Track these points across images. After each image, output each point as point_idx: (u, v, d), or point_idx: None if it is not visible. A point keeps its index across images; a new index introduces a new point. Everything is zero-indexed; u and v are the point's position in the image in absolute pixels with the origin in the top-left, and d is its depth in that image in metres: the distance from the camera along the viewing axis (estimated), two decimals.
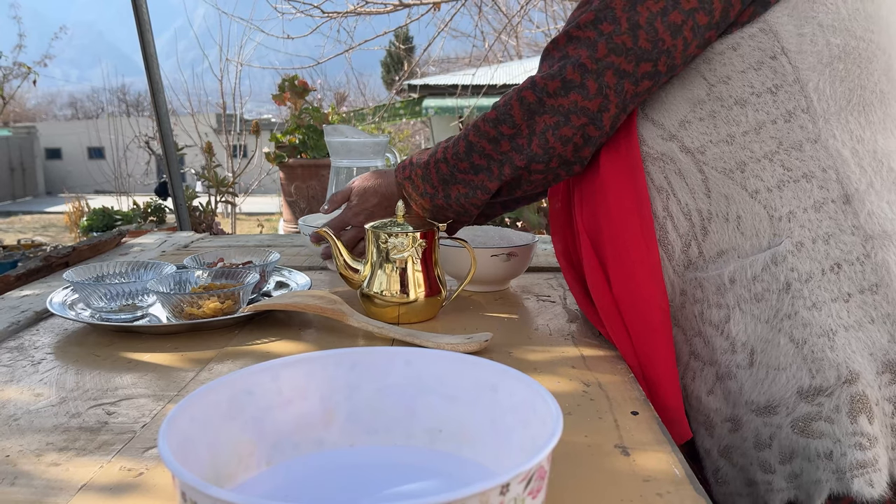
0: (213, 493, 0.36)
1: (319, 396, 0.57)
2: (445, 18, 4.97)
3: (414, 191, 0.97)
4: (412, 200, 0.98)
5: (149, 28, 2.23)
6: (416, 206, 0.99)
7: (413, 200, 0.98)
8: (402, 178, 0.98)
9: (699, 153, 0.82)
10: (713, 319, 0.82)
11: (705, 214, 0.82)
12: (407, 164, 0.99)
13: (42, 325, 0.98)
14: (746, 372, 0.79)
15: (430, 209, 0.97)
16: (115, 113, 16.74)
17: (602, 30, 0.80)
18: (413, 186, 0.97)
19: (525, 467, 0.40)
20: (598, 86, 0.81)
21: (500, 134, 0.88)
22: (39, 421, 0.67)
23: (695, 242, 0.84)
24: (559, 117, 0.84)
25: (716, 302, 0.82)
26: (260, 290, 1.10)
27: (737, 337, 0.80)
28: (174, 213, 2.46)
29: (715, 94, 0.81)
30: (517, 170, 0.89)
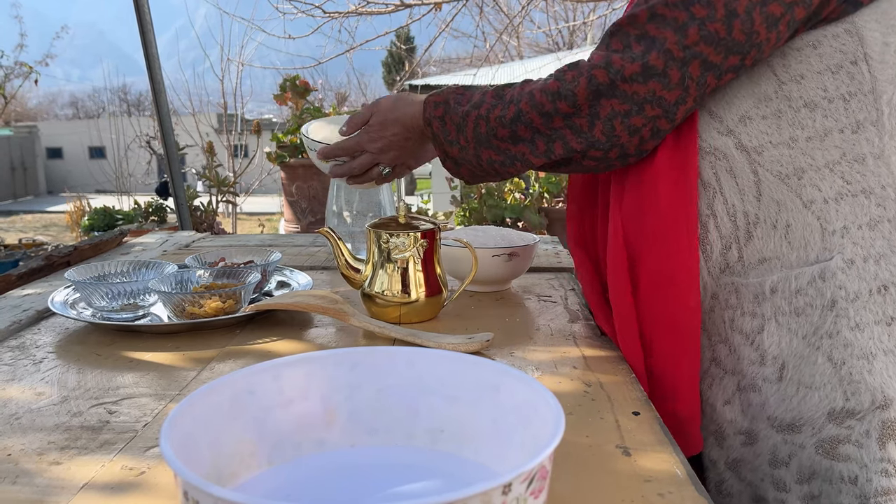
0: (215, 492, 0.36)
1: (320, 396, 0.57)
2: (447, 19, 4.97)
3: (442, 135, 0.90)
4: (436, 143, 0.91)
5: (150, 28, 2.23)
6: (437, 150, 0.92)
7: (437, 143, 0.91)
8: (433, 116, 0.90)
9: (756, 153, 0.78)
10: (744, 328, 0.79)
11: (752, 218, 0.79)
12: (441, 101, 0.90)
13: (43, 324, 0.98)
14: (773, 386, 0.76)
15: (454, 158, 0.91)
16: (116, 113, 16.75)
17: (694, 13, 0.73)
18: (443, 130, 0.90)
19: (527, 467, 0.40)
20: (680, 76, 0.75)
21: (556, 110, 0.80)
22: (41, 420, 0.67)
23: (736, 246, 0.80)
24: (631, 105, 0.76)
25: (750, 310, 0.78)
26: (261, 290, 1.10)
27: (768, 349, 0.77)
28: (175, 213, 2.46)
29: (784, 92, 0.76)
30: (571, 152, 0.82)
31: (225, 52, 7.40)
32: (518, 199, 3.97)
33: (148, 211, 4.63)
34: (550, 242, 1.52)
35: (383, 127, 0.97)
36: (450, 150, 0.90)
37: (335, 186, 1.31)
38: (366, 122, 1.00)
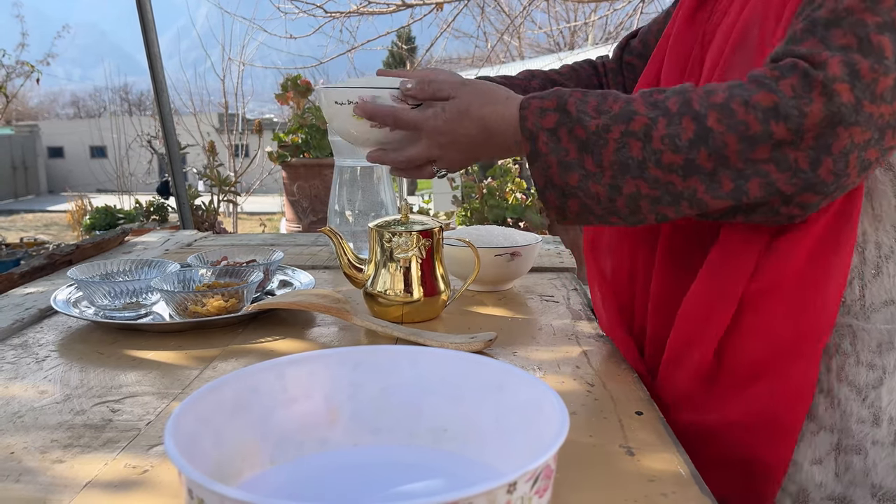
0: (220, 490, 0.36)
1: (324, 395, 0.57)
2: (448, 19, 4.98)
3: (553, 154, 0.68)
4: (536, 164, 0.69)
5: (153, 27, 2.24)
6: (536, 173, 0.70)
7: (538, 165, 0.69)
8: (540, 128, 0.68)
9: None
10: (857, 380, 0.68)
11: (885, 251, 0.67)
12: (553, 106, 0.69)
13: (46, 322, 0.98)
14: (886, 450, 0.67)
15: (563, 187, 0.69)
16: (117, 112, 16.76)
17: None
18: (555, 148, 0.68)
19: (532, 466, 0.40)
20: None
21: (768, 134, 0.59)
22: (44, 418, 0.67)
23: (859, 282, 0.68)
24: (873, 132, 0.58)
25: (868, 361, 0.67)
26: (263, 289, 1.10)
27: (885, 408, 0.67)
28: (177, 212, 2.46)
29: None
30: (773, 195, 0.62)
31: (226, 52, 7.40)
32: (519, 200, 3.96)
33: (149, 210, 4.63)
34: (552, 242, 1.52)
35: (460, 118, 0.75)
36: (560, 177, 0.68)
37: (337, 185, 1.31)
38: (441, 98, 0.77)
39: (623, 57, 1.05)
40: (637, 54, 1.03)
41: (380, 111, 0.80)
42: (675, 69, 0.80)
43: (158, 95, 2.30)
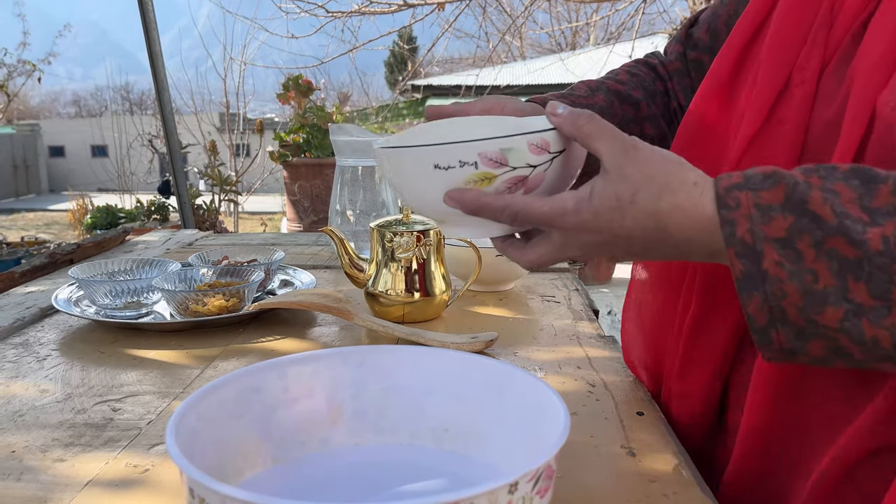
0: (222, 490, 0.36)
1: (326, 394, 0.56)
2: (449, 19, 4.98)
3: (794, 281, 0.45)
4: (755, 289, 0.46)
5: (154, 26, 2.24)
6: (752, 304, 0.47)
7: (758, 291, 0.46)
8: (768, 238, 0.45)
9: None
10: None
11: None
12: (784, 202, 0.45)
13: (47, 321, 0.98)
14: None
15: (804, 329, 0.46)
16: (118, 111, 16.76)
17: None
18: (796, 272, 0.45)
19: (533, 466, 0.40)
20: None
21: None
22: (45, 417, 0.67)
23: None
24: None
25: None
26: (265, 289, 1.10)
27: None
28: (178, 212, 2.46)
29: None
30: None
31: (227, 52, 7.40)
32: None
33: (150, 209, 4.63)
34: None
35: (619, 212, 0.51)
36: (804, 312, 0.45)
37: (339, 185, 1.31)
38: (592, 150, 0.54)
39: (686, 53, 0.83)
40: (705, 48, 0.81)
41: (484, 208, 0.55)
42: (778, 62, 0.59)
43: (160, 94, 2.30)
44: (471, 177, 0.54)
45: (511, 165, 0.54)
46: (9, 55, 6.15)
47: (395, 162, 0.58)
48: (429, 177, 0.55)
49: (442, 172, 0.55)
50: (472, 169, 0.54)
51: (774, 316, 0.46)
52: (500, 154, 0.53)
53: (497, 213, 0.55)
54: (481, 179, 0.54)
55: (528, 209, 0.54)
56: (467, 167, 0.54)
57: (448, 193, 0.55)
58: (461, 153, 0.54)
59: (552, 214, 0.53)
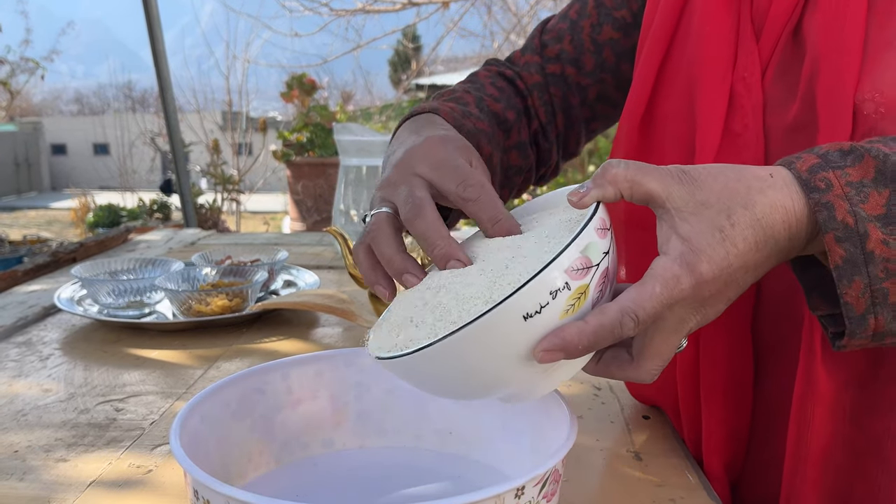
0: (227, 491, 0.36)
1: (329, 396, 0.56)
2: (454, 18, 4.98)
3: None
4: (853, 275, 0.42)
5: (158, 24, 2.24)
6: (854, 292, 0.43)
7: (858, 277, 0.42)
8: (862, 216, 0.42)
9: None
10: None
11: None
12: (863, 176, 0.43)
13: (49, 320, 0.98)
14: None
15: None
16: (120, 109, 16.78)
17: None
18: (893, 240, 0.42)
19: (540, 470, 0.39)
20: None
21: None
22: (48, 416, 0.67)
23: None
24: None
25: None
26: (268, 289, 1.10)
27: None
28: (181, 210, 2.46)
29: None
30: None
31: (230, 50, 7.41)
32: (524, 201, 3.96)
33: (152, 208, 4.64)
34: None
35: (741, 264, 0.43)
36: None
37: (342, 185, 1.31)
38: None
39: (545, 66, 0.75)
40: (569, 60, 0.74)
41: (601, 330, 0.41)
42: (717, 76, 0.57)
43: (163, 92, 2.30)
44: (567, 302, 0.40)
45: (595, 263, 0.41)
46: (12, 52, 6.16)
47: (460, 345, 0.40)
48: (518, 335, 0.40)
49: (534, 320, 0.40)
50: (566, 293, 0.40)
51: (876, 299, 0.43)
52: (583, 258, 0.41)
53: (615, 331, 0.41)
54: (577, 298, 0.41)
55: (643, 301, 0.41)
56: (561, 294, 0.40)
57: (544, 345, 0.40)
58: (547, 284, 0.40)
59: (668, 289, 0.42)
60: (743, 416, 0.59)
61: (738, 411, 0.59)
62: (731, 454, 0.60)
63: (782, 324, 0.57)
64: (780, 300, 0.57)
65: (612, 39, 0.73)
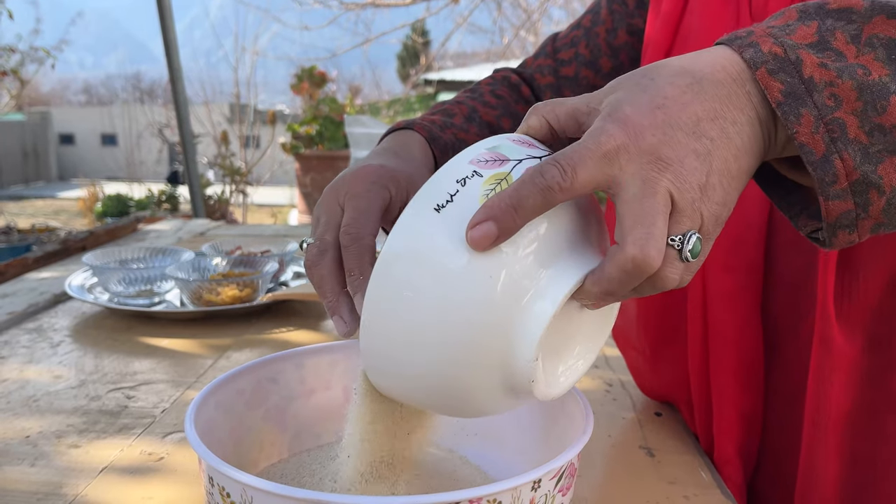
0: (244, 479, 0.36)
1: (343, 387, 0.56)
2: (464, 13, 4.96)
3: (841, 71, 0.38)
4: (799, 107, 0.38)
5: (170, 15, 2.23)
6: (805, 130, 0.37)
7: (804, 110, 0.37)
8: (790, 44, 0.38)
9: None
10: None
11: None
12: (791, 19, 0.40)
13: (60, 307, 0.98)
14: None
15: None
16: (128, 100, 16.81)
17: None
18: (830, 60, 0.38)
19: (557, 464, 0.39)
20: None
21: None
22: (59, 403, 0.67)
23: None
24: None
25: None
26: (278, 280, 1.10)
27: None
28: (190, 201, 2.46)
29: None
30: None
31: (239, 42, 7.41)
32: None
33: (160, 199, 4.65)
34: None
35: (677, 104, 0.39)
36: (863, 114, 0.38)
37: None
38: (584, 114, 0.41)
39: (559, 69, 0.77)
40: (585, 62, 0.76)
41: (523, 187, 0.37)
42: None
43: (174, 83, 2.30)
44: (483, 188, 0.38)
45: (515, 158, 0.40)
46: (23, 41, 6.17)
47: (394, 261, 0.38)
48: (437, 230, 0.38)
49: (448, 210, 0.38)
50: (477, 180, 0.39)
51: (833, 134, 0.38)
52: (492, 153, 0.40)
53: (535, 179, 0.37)
54: (497, 183, 0.38)
55: (567, 150, 0.38)
56: (471, 181, 0.39)
57: (469, 223, 0.37)
58: (453, 173, 0.39)
59: (593, 139, 0.38)
60: (755, 398, 0.59)
61: (749, 392, 0.58)
62: (744, 437, 0.59)
63: (798, 299, 0.56)
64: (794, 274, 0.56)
65: (627, 43, 0.75)
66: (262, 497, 0.36)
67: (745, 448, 0.59)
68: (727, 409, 0.58)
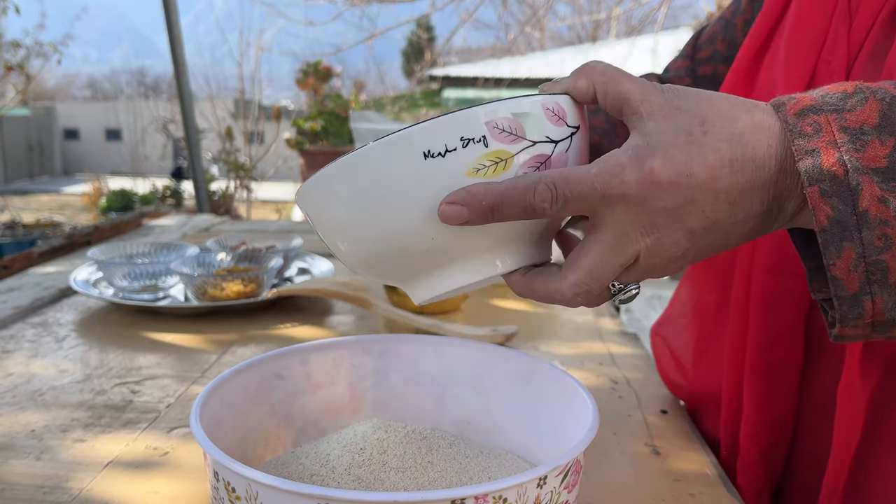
0: (249, 473, 0.36)
1: (347, 383, 0.56)
2: (469, 9, 4.95)
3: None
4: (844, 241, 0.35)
5: (175, 9, 2.23)
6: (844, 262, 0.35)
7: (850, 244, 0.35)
8: (856, 167, 0.34)
9: None
10: None
11: None
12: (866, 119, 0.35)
13: (65, 302, 0.98)
14: None
15: None
16: (133, 95, 16.82)
17: None
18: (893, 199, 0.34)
19: (563, 460, 0.39)
20: None
21: None
22: (65, 397, 0.67)
23: None
24: None
25: None
26: (282, 275, 1.10)
27: None
28: (194, 197, 2.46)
29: None
30: None
31: (244, 37, 7.40)
32: None
33: (165, 194, 4.65)
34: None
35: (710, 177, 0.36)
36: None
37: None
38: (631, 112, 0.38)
39: (696, 69, 0.75)
40: (722, 59, 0.73)
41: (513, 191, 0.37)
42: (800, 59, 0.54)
43: (179, 78, 2.30)
44: (479, 160, 0.37)
45: (530, 139, 0.38)
46: (28, 36, 6.18)
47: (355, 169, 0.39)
48: (416, 176, 0.37)
49: (436, 163, 0.37)
50: (480, 148, 0.37)
51: (872, 276, 0.35)
52: (514, 121, 0.37)
53: (526, 195, 0.36)
54: (494, 163, 0.37)
55: (571, 177, 0.36)
56: (473, 146, 0.37)
57: (449, 197, 0.37)
58: (462, 127, 0.37)
59: (605, 174, 0.36)
60: (786, 403, 0.57)
61: (780, 397, 0.56)
62: (770, 442, 0.57)
63: None
64: None
65: None
66: (268, 492, 0.36)
67: (770, 453, 0.58)
68: (754, 411, 0.56)
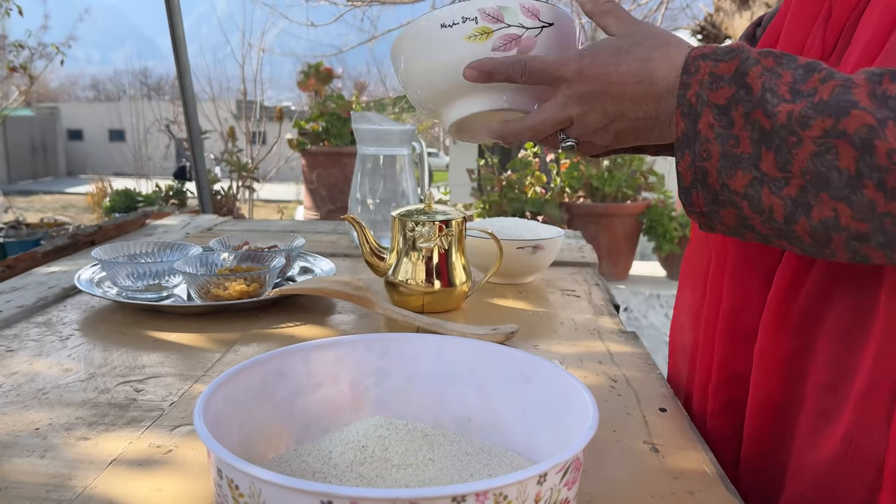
0: (253, 471, 0.36)
1: (349, 381, 0.56)
2: None
3: (717, 141, 0.50)
4: (687, 149, 0.52)
5: (178, 10, 2.24)
6: (683, 163, 0.52)
7: (690, 150, 0.51)
8: (706, 101, 0.50)
9: None
10: None
11: None
12: (729, 73, 0.50)
13: (69, 301, 0.99)
14: None
15: (719, 191, 0.51)
16: (136, 96, 16.83)
17: None
18: (722, 135, 0.50)
19: (563, 458, 0.39)
20: None
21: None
22: (68, 395, 0.68)
23: None
24: None
25: None
26: (284, 275, 1.10)
27: None
28: (197, 197, 2.47)
29: None
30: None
31: (246, 38, 7.41)
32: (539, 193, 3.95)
33: (168, 194, 4.66)
34: (574, 237, 1.51)
35: (617, 56, 0.56)
36: (719, 175, 0.50)
37: (359, 174, 1.31)
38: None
39: None
40: None
41: (499, 67, 0.61)
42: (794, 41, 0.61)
43: (181, 80, 2.31)
44: (471, 31, 0.63)
45: (506, 22, 0.62)
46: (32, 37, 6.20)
47: (408, 37, 0.66)
48: (437, 40, 0.64)
49: (447, 31, 0.63)
50: (472, 24, 0.62)
51: (697, 176, 0.52)
52: (496, 10, 0.62)
53: (509, 68, 0.60)
54: (480, 34, 0.63)
55: (536, 59, 0.60)
56: (468, 23, 0.63)
57: (470, 64, 0.62)
58: (463, 10, 0.63)
59: (558, 62, 0.59)
60: (745, 362, 0.63)
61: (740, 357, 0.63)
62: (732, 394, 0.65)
63: None
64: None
65: None
66: (271, 489, 0.36)
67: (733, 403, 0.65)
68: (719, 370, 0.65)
